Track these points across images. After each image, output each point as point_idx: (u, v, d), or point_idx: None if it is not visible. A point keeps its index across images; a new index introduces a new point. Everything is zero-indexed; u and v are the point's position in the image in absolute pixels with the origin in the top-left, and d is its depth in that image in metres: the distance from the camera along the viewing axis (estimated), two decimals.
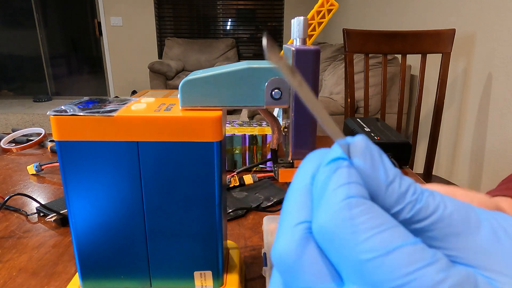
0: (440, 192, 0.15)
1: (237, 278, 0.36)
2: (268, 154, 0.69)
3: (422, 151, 1.85)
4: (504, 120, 1.27)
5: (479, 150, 1.41)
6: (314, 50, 0.29)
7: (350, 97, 1.39)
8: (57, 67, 5.16)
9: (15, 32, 4.92)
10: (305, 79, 0.30)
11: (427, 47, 1.32)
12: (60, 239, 0.48)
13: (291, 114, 0.30)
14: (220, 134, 0.30)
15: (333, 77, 2.36)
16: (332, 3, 0.40)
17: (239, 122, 0.76)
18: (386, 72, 1.36)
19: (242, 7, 4.83)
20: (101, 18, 4.71)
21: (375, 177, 0.14)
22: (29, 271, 0.42)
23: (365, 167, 0.14)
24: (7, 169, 0.72)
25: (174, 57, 4.58)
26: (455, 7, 1.59)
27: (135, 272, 0.34)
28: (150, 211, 0.32)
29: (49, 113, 0.29)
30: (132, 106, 0.32)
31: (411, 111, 2.03)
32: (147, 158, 0.30)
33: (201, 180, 0.31)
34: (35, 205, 0.56)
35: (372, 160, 0.14)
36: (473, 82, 1.46)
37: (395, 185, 0.14)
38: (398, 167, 0.69)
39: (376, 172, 0.14)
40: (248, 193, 0.61)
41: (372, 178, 0.14)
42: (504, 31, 1.27)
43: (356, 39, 1.32)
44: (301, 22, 0.29)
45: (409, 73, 1.97)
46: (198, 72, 0.31)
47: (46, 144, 0.85)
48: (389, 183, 0.14)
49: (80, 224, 0.32)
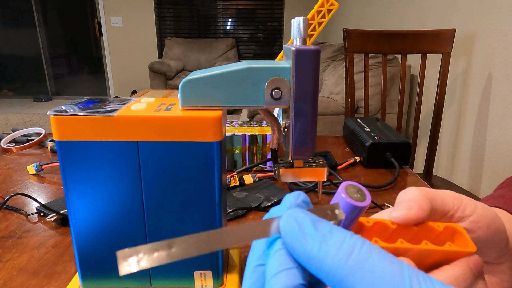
0: (450, 199, 0.17)
1: (237, 278, 0.36)
2: (268, 154, 0.69)
3: (422, 151, 1.85)
4: (504, 120, 1.27)
5: (479, 150, 1.41)
6: (314, 50, 0.29)
7: (350, 97, 1.39)
8: (57, 67, 5.16)
9: (15, 32, 4.92)
10: (305, 79, 0.30)
11: (427, 47, 1.32)
12: (60, 239, 0.48)
13: (291, 114, 0.30)
14: (220, 134, 0.30)
15: (333, 77, 2.36)
16: (332, 3, 0.40)
17: (239, 122, 0.76)
18: (386, 72, 1.36)
19: (242, 7, 4.83)
20: (101, 18, 4.71)
21: (296, 250, 0.16)
22: (29, 271, 0.42)
23: (289, 245, 0.16)
24: (7, 169, 0.72)
25: (174, 57, 4.58)
26: (455, 7, 1.59)
27: (135, 272, 0.34)
28: (150, 211, 0.32)
29: (49, 113, 0.29)
30: (132, 106, 0.32)
31: (411, 111, 2.03)
32: (147, 158, 0.30)
33: (201, 180, 0.31)
34: (35, 205, 0.56)
35: (292, 238, 0.16)
36: (473, 82, 1.46)
37: (314, 253, 0.16)
38: (398, 167, 0.69)
39: (295, 248, 0.16)
40: (248, 193, 0.61)
41: (296, 250, 0.16)
42: (504, 31, 1.27)
43: (356, 39, 1.32)
44: (301, 22, 0.29)
45: (409, 73, 1.97)
46: (198, 72, 0.31)
47: (46, 144, 0.85)
48: (308, 255, 0.16)
49: (80, 224, 0.32)
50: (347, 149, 0.87)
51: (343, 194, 0.19)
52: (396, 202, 0.24)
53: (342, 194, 0.19)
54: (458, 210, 0.23)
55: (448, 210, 0.23)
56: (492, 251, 0.24)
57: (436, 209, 0.23)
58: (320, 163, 0.34)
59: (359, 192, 0.20)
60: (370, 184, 0.66)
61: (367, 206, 0.19)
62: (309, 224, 0.16)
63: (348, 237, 0.16)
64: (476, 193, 1.42)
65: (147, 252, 0.15)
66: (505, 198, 0.33)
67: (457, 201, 0.24)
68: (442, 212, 0.23)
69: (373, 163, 0.74)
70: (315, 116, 0.30)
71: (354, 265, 0.15)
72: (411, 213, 0.22)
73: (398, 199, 0.24)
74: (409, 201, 0.22)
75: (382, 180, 0.69)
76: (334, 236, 0.16)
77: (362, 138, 0.76)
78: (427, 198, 0.23)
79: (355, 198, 0.19)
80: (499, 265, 0.25)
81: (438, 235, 0.23)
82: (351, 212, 0.19)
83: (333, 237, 0.16)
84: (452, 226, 0.23)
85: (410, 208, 0.22)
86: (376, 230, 0.22)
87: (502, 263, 0.25)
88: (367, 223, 0.22)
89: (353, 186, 0.20)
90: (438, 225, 0.22)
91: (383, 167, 0.75)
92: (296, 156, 0.32)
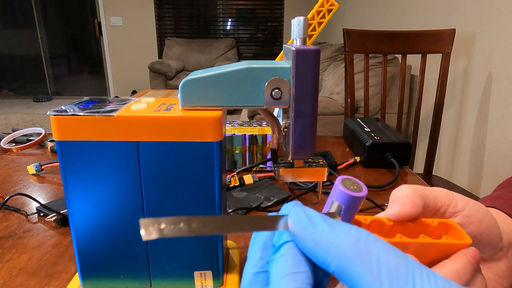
0: (441, 196, 0.17)
1: (237, 278, 0.36)
2: (268, 154, 0.69)
3: (422, 151, 1.85)
4: (504, 120, 1.27)
5: (479, 150, 1.41)
6: (314, 50, 0.29)
7: (350, 97, 1.39)
8: (57, 67, 5.16)
9: (15, 32, 4.91)
10: (305, 79, 0.30)
11: (427, 47, 1.32)
12: (60, 239, 0.48)
13: (291, 114, 0.30)
14: (220, 134, 0.30)
15: (333, 77, 2.36)
16: (332, 3, 0.40)
17: (239, 122, 0.76)
18: (386, 72, 1.36)
19: (242, 7, 4.83)
20: (101, 18, 4.71)
21: (305, 238, 0.17)
22: (29, 271, 0.42)
23: (297, 234, 0.17)
24: (7, 169, 0.72)
25: (174, 57, 4.57)
26: (455, 7, 1.59)
27: (135, 272, 0.34)
28: (150, 211, 0.32)
29: (49, 113, 0.29)
30: (132, 106, 0.32)
31: (411, 111, 2.03)
32: (147, 158, 0.30)
33: (201, 180, 0.31)
34: (35, 205, 0.56)
35: (301, 227, 0.17)
36: (473, 82, 1.46)
37: (322, 238, 0.16)
38: (398, 167, 0.69)
39: (304, 236, 0.17)
40: (248, 193, 0.61)
41: (307, 243, 0.17)
42: (504, 31, 1.27)
43: (356, 39, 1.32)
44: (301, 22, 0.29)
45: (409, 73, 1.97)
46: (198, 72, 0.31)
47: (46, 144, 0.85)
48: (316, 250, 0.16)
49: (80, 224, 0.32)
50: (347, 149, 0.87)
51: (340, 186, 0.20)
52: (390, 200, 0.24)
53: (340, 187, 0.20)
54: (450, 206, 0.24)
55: (440, 206, 0.24)
56: (487, 246, 0.25)
57: (428, 205, 0.24)
58: (320, 163, 0.34)
59: (355, 184, 0.20)
60: (370, 184, 0.66)
61: (365, 196, 0.20)
62: (317, 216, 0.17)
63: (354, 227, 0.16)
64: (476, 193, 1.42)
65: (169, 223, 0.16)
66: (503, 198, 0.33)
67: (449, 197, 0.24)
68: (434, 208, 0.24)
69: (373, 163, 0.74)
70: (315, 116, 0.30)
71: (361, 251, 0.15)
72: (405, 209, 0.22)
73: (392, 197, 0.24)
74: (403, 198, 0.23)
75: (382, 180, 0.69)
76: (341, 226, 0.16)
77: (362, 138, 0.76)
78: (419, 194, 0.23)
79: (352, 190, 0.20)
80: (496, 262, 0.26)
81: (433, 231, 0.23)
82: (350, 203, 0.20)
83: (340, 226, 0.16)
84: (446, 221, 0.23)
85: (404, 205, 0.23)
86: (373, 228, 0.23)
87: (498, 260, 0.26)
88: (364, 221, 0.23)
89: (348, 179, 0.21)
90: (433, 221, 0.23)
91: (383, 167, 0.75)
92: (296, 156, 0.32)
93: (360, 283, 0.15)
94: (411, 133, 1.44)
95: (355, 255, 0.15)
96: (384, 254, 0.15)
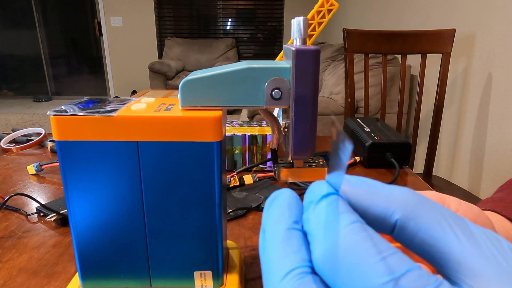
0: (432, 199, 0.17)
1: (237, 278, 0.36)
2: (268, 154, 0.69)
3: (422, 151, 1.85)
4: (504, 120, 1.27)
5: (479, 150, 1.41)
6: (314, 50, 0.29)
7: (350, 97, 1.39)
8: (57, 67, 5.16)
9: (15, 32, 4.91)
10: (305, 79, 0.30)
11: (427, 47, 1.32)
12: (60, 239, 0.48)
13: (291, 114, 0.30)
14: (220, 134, 0.30)
15: (333, 77, 2.36)
16: (332, 3, 0.40)
17: (239, 122, 0.76)
18: (386, 72, 1.36)
19: (242, 7, 4.83)
20: (101, 18, 4.71)
21: (359, 192, 0.16)
22: (29, 271, 0.42)
23: (351, 190, 0.16)
24: (7, 169, 0.72)
25: (174, 57, 4.58)
26: (455, 7, 1.59)
27: (135, 272, 0.34)
28: (150, 211, 0.32)
29: (49, 113, 0.29)
30: (132, 106, 0.32)
31: (411, 111, 2.03)
32: (147, 158, 0.30)
33: (201, 180, 0.31)
34: (35, 205, 0.56)
35: (356, 183, 0.16)
36: (473, 82, 1.46)
37: (379, 189, 0.16)
38: (398, 167, 0.69)
39: (358, 190, 0.16)
40: (248, 193, 0.61)
41: (369, 208, 0.16)
42: (504, 31, 1.27)
43: (356, 39, 1.32)
44: (301, 22, 0.29)
45: (409, 73, 1.97)
46: (198, 72, 0.31)
47: (46, 144, 0.85)
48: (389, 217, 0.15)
49: (80, 224, 0.32)
50: None
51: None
52: None
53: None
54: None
55: None
56: None
57: None
58: (320, 163, 0.34)
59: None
60: None
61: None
62: (364, 178, 0.17)
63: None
64: (476, 193, 1.42)
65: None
66: (505, 202, 0.33)
67: (440, 199, 0.25)
68: None
69: (373, 163, 0.74)
70: (315, 116, 0.30)
71: (422, 199, 0.16)
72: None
73: None
74: None
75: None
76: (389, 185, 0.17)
77: (362, 138, 0.76)
78: None
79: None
80: None
81: None
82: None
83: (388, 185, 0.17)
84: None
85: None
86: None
87: None
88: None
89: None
90: None
91: (383, 167, 0.75)
92: (296, 156, 0.32)
93: (430, 227, 0.15)
94: (411, 133, 1.44)
95: (418, 203, 0.15)
96: (439, 207, 0.15)
